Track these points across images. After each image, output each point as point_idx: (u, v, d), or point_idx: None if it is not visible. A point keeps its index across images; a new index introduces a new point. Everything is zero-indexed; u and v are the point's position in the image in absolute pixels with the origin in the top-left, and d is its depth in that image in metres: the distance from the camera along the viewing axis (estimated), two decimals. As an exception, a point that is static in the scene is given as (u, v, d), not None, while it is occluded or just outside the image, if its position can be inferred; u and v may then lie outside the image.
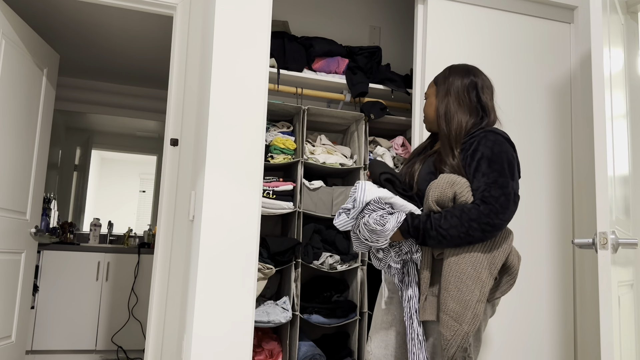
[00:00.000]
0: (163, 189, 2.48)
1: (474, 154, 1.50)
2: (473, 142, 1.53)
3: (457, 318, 1.42)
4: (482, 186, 1.46)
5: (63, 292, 3.68)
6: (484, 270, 1.46)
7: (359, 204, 1.53)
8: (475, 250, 1.46)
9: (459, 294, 1.43)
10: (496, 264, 1.48)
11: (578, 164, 2.49)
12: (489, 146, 1.49)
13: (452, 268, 1.46)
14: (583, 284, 2.41)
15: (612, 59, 1.77)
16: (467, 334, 1.42)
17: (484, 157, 1.48)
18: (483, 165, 1.48)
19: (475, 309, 1.43)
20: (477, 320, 1.43)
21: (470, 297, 1.43)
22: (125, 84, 4.58)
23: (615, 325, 1.51)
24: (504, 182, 1.45)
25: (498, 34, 2.47)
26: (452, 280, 1.45)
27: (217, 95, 1.94)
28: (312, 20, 2.92)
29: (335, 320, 2.37)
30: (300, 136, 2.44)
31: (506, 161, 1.48)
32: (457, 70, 1.67)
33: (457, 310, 1.43)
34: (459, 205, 1.47)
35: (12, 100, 2.70)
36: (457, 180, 1.49)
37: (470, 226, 1.43)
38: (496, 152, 1.48)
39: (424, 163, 1.65)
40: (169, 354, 2.42)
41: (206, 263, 1.85)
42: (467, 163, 1.52)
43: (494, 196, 1.44)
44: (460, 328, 1.42)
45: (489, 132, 1.53)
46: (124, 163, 4.67)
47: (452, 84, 1.64)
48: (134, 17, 3.37)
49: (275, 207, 2.35)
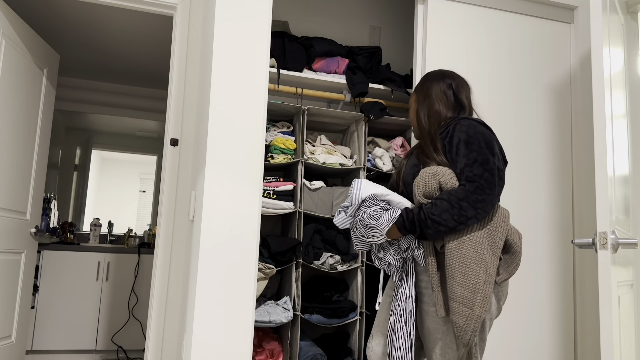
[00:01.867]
0: (163, 189, 2.49)
1: (452, 141, 1.56)
2: (448, 130, 1.59)
3: (467, 303, 1.44)
4: (465, 168, 1.50)
5: (63, 292, 3.68)
6: (485, 251, 1.47)
7: (355, 201, 1.56)
8: (474, 233, 1.48)
9: (465, 278, 1.45)
10: (497, 243, 1.50)
11: (578, 164, 2.49)
12: (463, 130, 1.54)
13: (454, 254, 1.48)
14: (583, 284, 2.41)
15: (612, 59, 1.77)
16: (479, 317, 1.43)
17: (461, 140, 1.53)
18: (461, 148, 1.52)
19: (484, 291, 1.44)
20: (487, 302, 1.44)
21: (477, 280, 1.44)
22: (125, 84, 4.59)
23: (615, 325, 1.51)
24: (483, 159, 1.49)
25: (498, 33, 2.47)
26: (456, 266, 1.46)
27: (217, 95, 1.94)
28: (312, 20, 2.92)
29: (335, 320, 2.37)
30: (300, 136, 2.44)
31: (483, 141, 1.52)
32: (432, 76, 1.76)
33: (465, 295, 1.44)
34: (446, 190, 1.51)
35: (12, 100, 2.70)
36: (438, 170, 1.53)
37: (461, 206, 1.45)
38: (471, 134, 1.53)
39: (409, 158, 1.71)
40: (169, 354, 2.42)
41: (206, 263, 1.85)
42: (447, 151, 1.57)
43: (476, 174, 1.47)
44: (472, 312, 1.43)
45: (462, 119, 1.59)
46: (124, 163, 4.67)
47: (429, 88, 1.73)
48: (134, 17, 3.37)
49: (275, 207, 2.35)
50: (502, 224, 1.52)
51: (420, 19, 2.39)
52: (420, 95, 1.75)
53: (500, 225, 1.51)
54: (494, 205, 1.50)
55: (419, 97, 1.76)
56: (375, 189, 1.57)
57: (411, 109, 1.80)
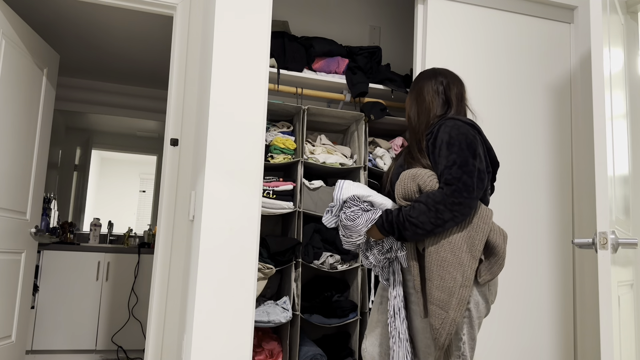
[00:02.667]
0: (163, 189, 2.49)
1: (435, 142, 1.55)
2: (433, 130, 1.58)
3: (443, 306, 1.44)
4: (444, 170, 1.49)
5: (63, 292, 3.68)
6: (463, 253, 1.47)
7: (336, 202, 1.60)
8: (452, 235, 1.48)
9: (441, 281, 1.45)
10: (476, 245, 1.48)
11: (578, 164, 2.49)
12: (447, 131, 1.53)
13: (432, 257, 1.48)
14: (583, 284, 2.41)
15: (612, 59, 1.77)
16: (454, 320, 1.43)
17: (443, 142, 1.52)
18: (443, 150, 1.51)
19: (460, 294, 1.44)
20: (462, 305, 1.44)
21: (453, 284, 1.44)
22: (125, 84, 4.59)
23: (615, 325, 1.51)
24: (462, 161, 1.47)
25: (498, 33, 2.47)
26: (434, 269, 1.47)
27: (217, 95, 1.94)
28: (312, 20, 2.92)
29: (335, 320, 2.37)
30: (300, 136, 2.44)
31: (464, 142, 1.50)
32: (425, 74, 1.75)
33: (442, 298, 1.44)
34: (424, 193, 1.51)
35: (12, 100, 2.70)
36: (418, 172, 1.53)
37: (437, 209, 1.45)
38: (454, 135, 1.51)
39: (398, 159, 1.72)
40: (169, 354, 2.42)
41: (206, 263, 1.85)
42: (430, 152, 1.57)
43: (455, 177, 1.46)
44: (447, 315, 1.43)
45: (447, 119, 1.58)
46: (124, 163, 4.67)
47: (421, 87, 1.72)
48: (134, 17, 3.37)
49: (275, 207, 2.35)
50: (482, 226, 1.50)
51: (420, 19, 2.39)
52: (412, 93, 1.75)
53: (480, 227, 1.50)
54: (472, 208, 1.47)
55: (411, 95, 1.75)
56: (357, 189, 1.59)
57: (406, 108, 1.80)
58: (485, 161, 1.55)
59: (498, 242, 1.51)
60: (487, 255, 1.53)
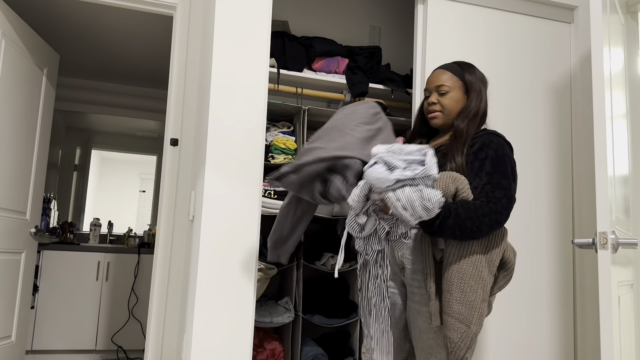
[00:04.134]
0: (163, 189, 2.48)
1: (478, 154, 1.51)
2: (476, 142, 1.54)
3: (464, 320, 1.42)
4: (486, 185, 1.47)
5: (63, 292, 3.68)
6: (484, 269, 1.46)
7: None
8: (473, 249, 1.47)
9: (463, 295, 1.43)
10: (494, 262, 1.49)
11: (578, 164, 2.49)
12: (493, 148, 1.51)
13: (453, 269, 1.46)
14: (583, 284, 2.41)
15: (612, 59, 1.77)
16: (475, 335, 1.42)
17: (489, 157, 1.49)
18: (487, 165, 1.49)
19: (481, 309, 1.44)
20: (482, 319, 1.44)
21: (475, 298, 1.43)
22: (125, 84, 4.58)
23: (615, 325, 1.51)
24: (506, 184, 1.47)
25: (498, 33, 2.47)
26: (454, 281, 1.45)
27: (217, 95, 1.94)
28: (312, 20, 2.92)
29: (336, 320, 2.37)
30: (301, 136, 2.44)
31: (509, 164, 1.50)
32: (478, 71, 1.68)
33: (462, 312, 1.42)
34: (466, 201, 1.45)
35: (12, 100, 2.70)
36: (458, 177, 1.49)
37: (482, 221, 1.42)
38: (500, 154, 1.50)
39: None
40: (169, 354, 2.42)
41: (206, 263, 1.85)
42: (469, 161, 1.53)
43: (497, 197, 1.45)
44: (469, 330, 1.42)
45: (491, 134, 1.55)
46: (124, 163, 4.67)
47: (482, 86, 1.65)
48: (134, 17, 3.36)
49: (276, 207, 2.35)
50: (500, 243, 1.50)
51: (420, 19, 2.39)
52: (474, 87, 1.62)
53: (499, 244, 1.50)
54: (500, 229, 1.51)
55: (471, 88, 1.62)
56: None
57: (451, 94, 1.62)
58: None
59: (510, 257, 1.54)
60: (498, 270, 1.54)
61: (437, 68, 1.71)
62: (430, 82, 1.68)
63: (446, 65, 1.69)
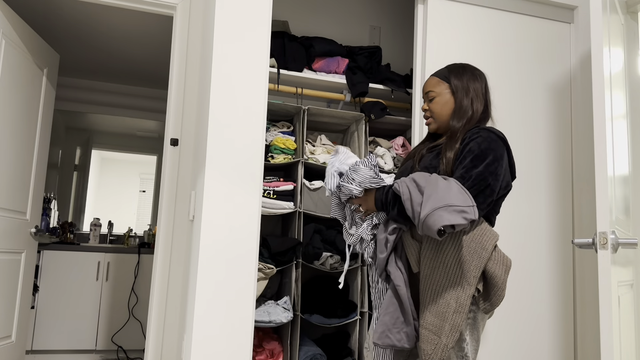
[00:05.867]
0: (163, 189, 2.49)
1: (464, 148, 1.50)
2: (466, 137, 1.53)
3: (436, 331, 1.41)
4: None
5: (63, 292, 3.68)
6: (458, 278, 1.42)
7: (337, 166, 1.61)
8: (446, 258, 1.44)
9: (435, 306, 1.42)
10: (471, 271, 1.42)
11: (578, 164, 2.49)
12: (478, 142, 1.48)
13: (427, 281, 1.45)
14: (583, 284, 2.41)
15: (612, 59, 1.77)
16: (447, 346, 1.40)
17: (471, 151, 1.47)
18: (467, 158, 1.46)
19: (453, 320, 1.40)
20: (455, 331, 1.40)
21: (447, 309, 1.41)
22: (125, 84, 4.58)
23: (615, 325, 1.51)
24: (478, 175, 1.43)
25: (498, 33, 2.47)
26: (428, 293, 1.44)
27: (217, 95, 1.94)
28: (312, 20, 2.92)
29: (335, 320, 2.37)
30: (301, 136, 2.44)
31: (491, 157, 1.45)
32: (468, 70, 1.66)
33: (435, 323, 1.41)
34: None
35: (12, 100, 2.70)
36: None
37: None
38: (483, 148, 1.46)
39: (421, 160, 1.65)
40: (169, 354, 2.42)
41: (206, 263, 1.85)
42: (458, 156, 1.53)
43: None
44: (440, 341, 1.40)
45: (482, 129, 1.53)
46: (124, 163, 4.67)
47: (470, 84, 1.63)
48: (134, 17, 3.37)
49: (275, 207, 2.35)
50: (478, 251, 1.43)
51: (420, 19, 2.39)
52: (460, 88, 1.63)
53: (477, 251, 1.43)
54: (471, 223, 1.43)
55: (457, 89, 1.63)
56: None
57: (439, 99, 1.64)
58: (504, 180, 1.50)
59: (497, 272, 1.44)
60: (485, 285, 1.47)
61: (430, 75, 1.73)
62: (423, 90, 1.71)
63: (436, 71, 1.71)
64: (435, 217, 1.31)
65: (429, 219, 1.32)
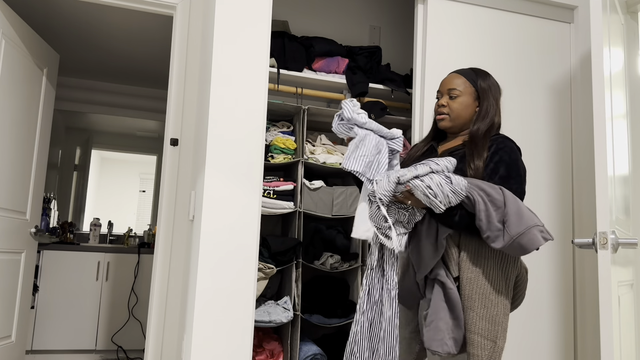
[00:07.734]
0: (163, 189, 2.48)
1: (493, 156, 1.54)
2: (492, 144, 1.56)
3: (490, 336, 1.42)
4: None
5: (63, 292, 3.68)
6: (500, 282, 1.47)
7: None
8: (489, 264, 1.47)
9: (486, 310, 1.43)
10: (510, 276, 1.49)
11: (578, 164, 2.49)
12: (507, 152, 1.54)
13: (472, 286, 1.45)
14: (583, 284, 2.41)
15: (612, 59, 1.77)
16: (502, 349, 1.42)
17: (502, 161, 1.52)
18: (501, 168, 1.51)
19: (504, 323, 1.44)
20: (505, 333, 1.44)
21: (497, 312, 1.44)
22: (125, 84, 4.58)
23: (615, 325, 1.51)
24: (518, 188, 1.50)
25: (498, 33, 2.47)
26: (476, 297, 1.44)
27: (217, 95, 1.94)
28: (312, 20, 2.92)
29: (336, 320, 2.37)
30: (301, 136, 2.44)
31: (522, 169, 1.54)
32: (493, 79, 1.70)
33: (488, 328, 1.42)
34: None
35: (12, 100, 2.70)
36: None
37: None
38: (513, 159, 1.54)
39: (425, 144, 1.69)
40: (169, 354, 2.42)
41: (206, 263, 1.85)
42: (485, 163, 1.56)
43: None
44: (495, 345, 1.42)
45: (506, 139, 1.59)
46: (124, 163, 4.67)
47: (495, 91, 1.68)
48: (134, 17, 3.36)
49: (275, 207, 2.35)
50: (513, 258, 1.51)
51: (420, 19, 2.39)
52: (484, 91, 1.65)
53: (513, 257, 1.50)
54: None
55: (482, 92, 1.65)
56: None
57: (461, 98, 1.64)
58: None
59: (522, 274, 1.55)
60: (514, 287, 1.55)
61: (452, 72, 1.72)
62: (443, 85, 1.69)
63: (461, 70, 1.70)
64: (531, 236, 1.36)
65: (523, 238, 1.36)
